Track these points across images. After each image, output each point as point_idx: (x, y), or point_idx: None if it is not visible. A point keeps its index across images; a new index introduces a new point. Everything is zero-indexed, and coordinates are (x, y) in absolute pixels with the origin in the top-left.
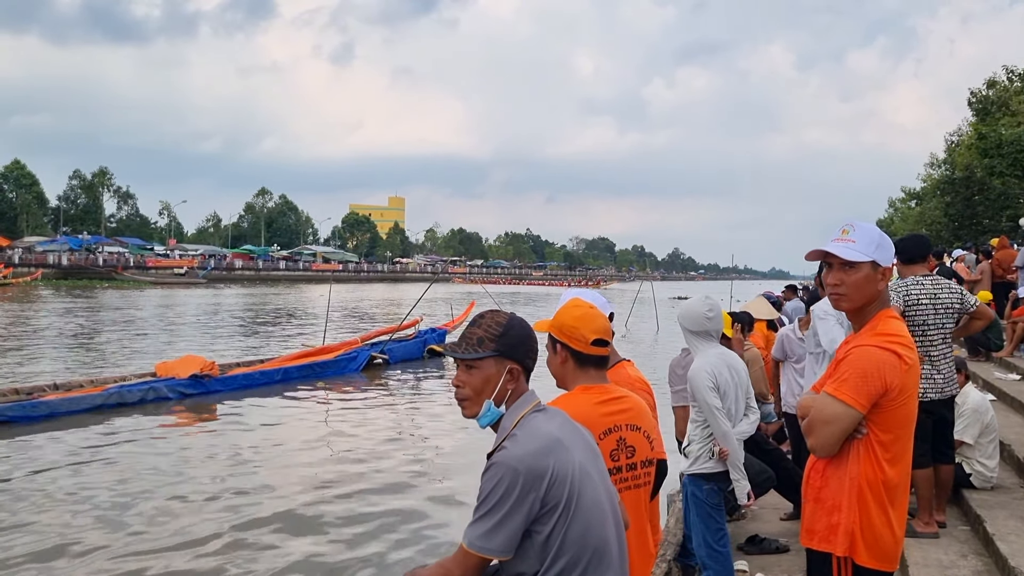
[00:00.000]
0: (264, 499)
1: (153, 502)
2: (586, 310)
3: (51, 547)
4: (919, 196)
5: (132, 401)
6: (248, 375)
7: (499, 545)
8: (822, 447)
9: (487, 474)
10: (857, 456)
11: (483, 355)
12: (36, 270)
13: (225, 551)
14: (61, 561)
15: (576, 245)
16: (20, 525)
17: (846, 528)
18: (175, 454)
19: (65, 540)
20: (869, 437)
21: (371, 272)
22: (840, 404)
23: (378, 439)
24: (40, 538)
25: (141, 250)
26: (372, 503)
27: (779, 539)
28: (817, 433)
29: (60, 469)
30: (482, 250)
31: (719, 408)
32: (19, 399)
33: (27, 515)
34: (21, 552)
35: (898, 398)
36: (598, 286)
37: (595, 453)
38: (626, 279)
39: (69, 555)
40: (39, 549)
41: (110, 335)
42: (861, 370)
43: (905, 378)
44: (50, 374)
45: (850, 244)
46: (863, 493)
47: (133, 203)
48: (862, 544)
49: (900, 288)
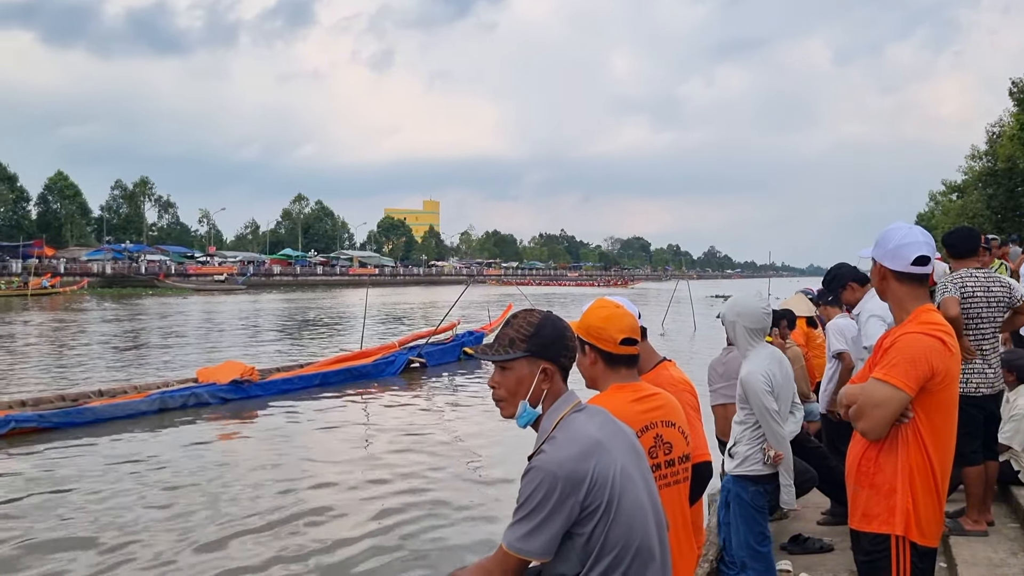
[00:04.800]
0: (307, 496)
1: (201, 500)
2: (612, 310)
3: (106, 544)
4: (960, 189)
5: (174, 407)
6: (287, 380)
7: (538, 547)
8: (872, 430)
9: (526, 477)
10: (906, 441)
11: (514, 356)
12: (82, 279)
13: (273, 546)
14: (121, 556)
15: (611, 245)
16: (76, 522)
17: (902, 509)
18: (218, 456)
19: (119, 540)
20: (915, 422)
21: (407, 276)
22: (890, 387)
23: (417, 440)
24: (96, 531)
25: (182, 258)
26: (412, 503)
27: (823, 538)
28: (868, 416)
29: (107, 473)
30: (517, 252)
31: (776, 411)
32: (65, 406)
33: (82, 514)
34: (81, 545)
35: (943, 382)
36: (626, 286)
37: (638, 453)
38: (662, 279)
39: (126, 552)
40: (93, 543)
41: (153, 342)
42: (909, 355)
43: (949, 363)
44: (95, 381)
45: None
46: (913, 476)
47: (174, 211)
48: (915, 524)
49: (956, 280)
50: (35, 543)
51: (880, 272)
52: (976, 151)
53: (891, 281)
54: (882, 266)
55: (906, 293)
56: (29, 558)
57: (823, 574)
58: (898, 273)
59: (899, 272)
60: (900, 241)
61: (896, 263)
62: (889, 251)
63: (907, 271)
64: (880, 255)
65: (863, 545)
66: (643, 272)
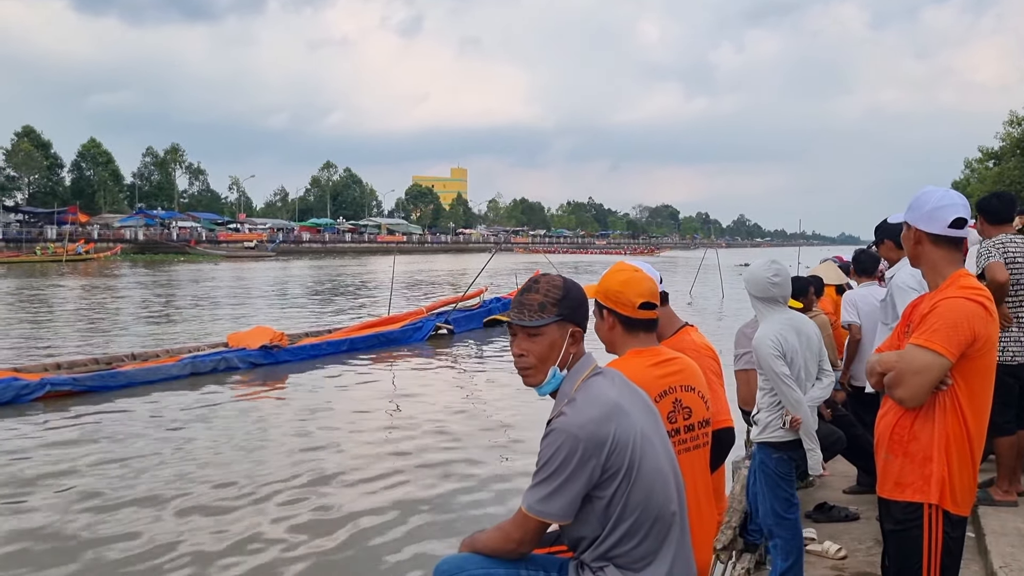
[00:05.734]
0: (333, 461)
1: (230, 465)
2: (631, 274)
3: (147, 495)
4: (997, 156)
5: (204, 371)
6: (316, 345)
7: (558, 510)
8: (912, 397)
9: (547, 439)
10: (943, 409)
11: (548, 321)
12: (115, 245)
13: (302, 508)
14: (169, 512)
15: (639, 213)
16: (123, 477)
17: (938, 478)
18: (248, 421)
19: (151, 502)
20: (953, 389)
21: (435, 243)
22: (931, 354)
23: (444, 407)
24: (145, 486)
25: (213, 225)
26: (438, 469)
27: (848, 507)
28: (908, 383)
29: (143, 434)
30: (544, 220)
31: (787, 375)
32: (99, 369)
33: (124, 472)
34: (136, 496)
35: (983, 348)
36: (652, 254)
37: (655, 416)
38: (690, 247)
39: (170, 509)
40: (146, 494)
41: (185, 307)
42: (951, 320)
43: (990, 328)
44: (128, 345)
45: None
46: (949, 444)
47: (204, 179)
48: (949, 493)
49: (999, 244)
50: (69, 501)
51: (916, 236)
52: (1015, 117)
53: (926, 245)
54: (917, 230)
55: (941, 257)
56: (80, 513)
57: (848, 542)
58: (934, 236)
59: (936, 235)
60: (937, 203)
61: (933, 225)
62: (925, 214)
63: (944, 234)
64: (915, 218)
65: (894, 514)
66: (671, 240)
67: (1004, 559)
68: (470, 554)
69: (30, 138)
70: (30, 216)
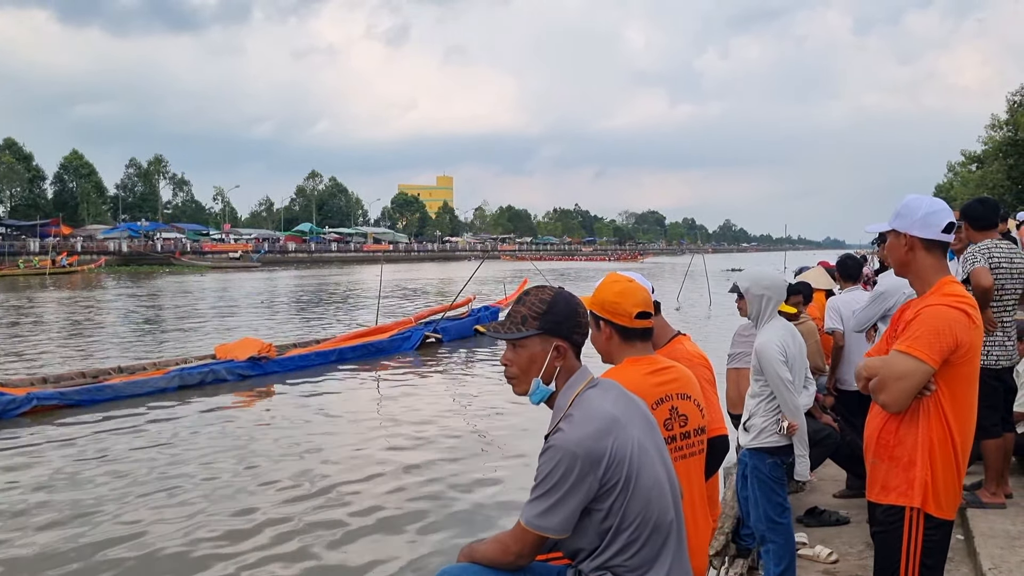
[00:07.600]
0: (324, 472)
1: (221, 475)
2: (625, 284)
3: (129, 520)
4: (980, 159)
5: (192, 383)
6: (304, 356)
7: (556, 524)
8: (895, 402)
9: (545, 456)
10: (927, 414)
11: (527, 334)
12: (99, 258)
13: (293, 518)
14: (145, 529)
15: (626, 220)
16: (104, 497)
17: (921, 482)
18: (237, 432)
19: (138, 517)
20: (937, 395)
21: (421, 252)
22: (913, 360)
23: (434, 415)
24: (117, 508)
25: (197, 235)
26: (428, 478)
27: (839, 511)
28: (890, 389)
29: (129, 450)
30: (531, 227)
31: (790, 381)
32: (86, 383)
33: (109, 489)
34: (113, 517)
35: (966, 355)
36: (636, 260)
37: (651, 425)
38: (677, 252)
39: (151, 526)
40: (125, 519)
41: (171, 319)
42: (934, 327)
43: (973, 335)
44: (115, 358)
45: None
46: (933, 449)
47: (188, 189)
48: (932, 497)
49: (983, 250)
50: (64, 516)
51: (908, 243)
52: (997, 120)
53: (919, 251)
54: (910, 236)
55: (931, 264)
56: (63, 530)
57: (839, 546)
58: (927, 242)
59: (929, 240)
60: (928, 209)
61: (927, 231)
62: (919, 219)
63: (937, 239)
64: (907, 225)
65: (878, 517)
66: (658, 246)
67: (993, 561)
68: (469, 564)
69: (11, 151)
70: (12, 229)
